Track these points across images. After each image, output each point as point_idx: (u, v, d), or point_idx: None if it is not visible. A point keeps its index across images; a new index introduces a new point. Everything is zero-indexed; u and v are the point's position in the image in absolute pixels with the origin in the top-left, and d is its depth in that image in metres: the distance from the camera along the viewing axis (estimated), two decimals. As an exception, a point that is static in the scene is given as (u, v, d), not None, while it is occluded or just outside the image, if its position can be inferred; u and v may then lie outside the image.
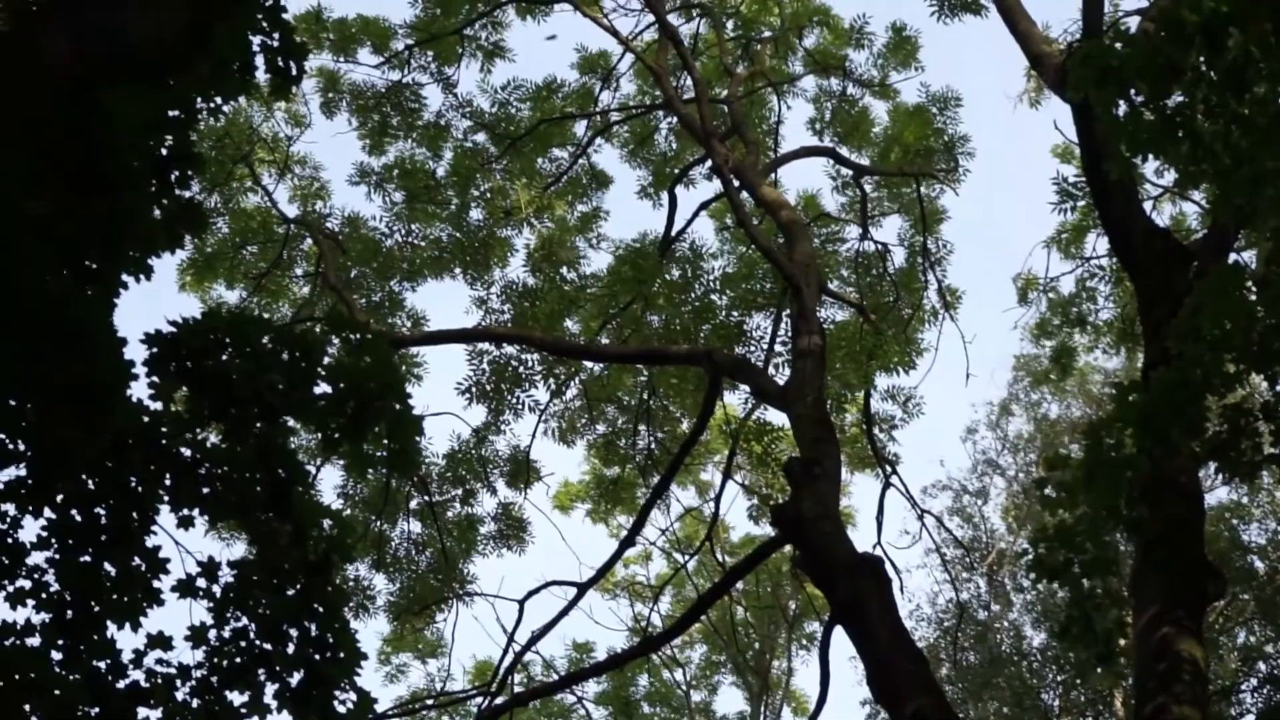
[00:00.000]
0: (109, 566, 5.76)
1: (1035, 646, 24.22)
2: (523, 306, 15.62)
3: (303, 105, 16.09)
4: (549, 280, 15.93)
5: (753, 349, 15.08)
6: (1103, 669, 8.03)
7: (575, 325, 15.84)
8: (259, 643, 5.86)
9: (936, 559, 23.54)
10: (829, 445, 10.14)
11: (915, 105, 16.42)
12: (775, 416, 15.62)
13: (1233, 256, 10.31)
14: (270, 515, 5.96)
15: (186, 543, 5.91)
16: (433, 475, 15.94)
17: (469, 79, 39.11)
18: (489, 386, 15.48)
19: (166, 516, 5.90)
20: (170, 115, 6.14)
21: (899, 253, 16.66)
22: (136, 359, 5.81)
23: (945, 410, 41.08)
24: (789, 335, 12.80)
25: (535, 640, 12.87)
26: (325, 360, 6.08)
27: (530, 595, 13.19)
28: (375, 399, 6.08)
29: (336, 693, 5.87)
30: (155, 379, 5.89)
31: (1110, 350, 17.63)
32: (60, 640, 5.64)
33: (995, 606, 25.59)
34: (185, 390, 5.99)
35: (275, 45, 6.46)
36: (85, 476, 5.77)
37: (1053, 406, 27.49)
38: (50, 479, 5.72)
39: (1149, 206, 13.72)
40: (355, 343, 6.18)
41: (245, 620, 5.87)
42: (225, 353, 5.96)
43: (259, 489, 5.95)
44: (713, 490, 20.65)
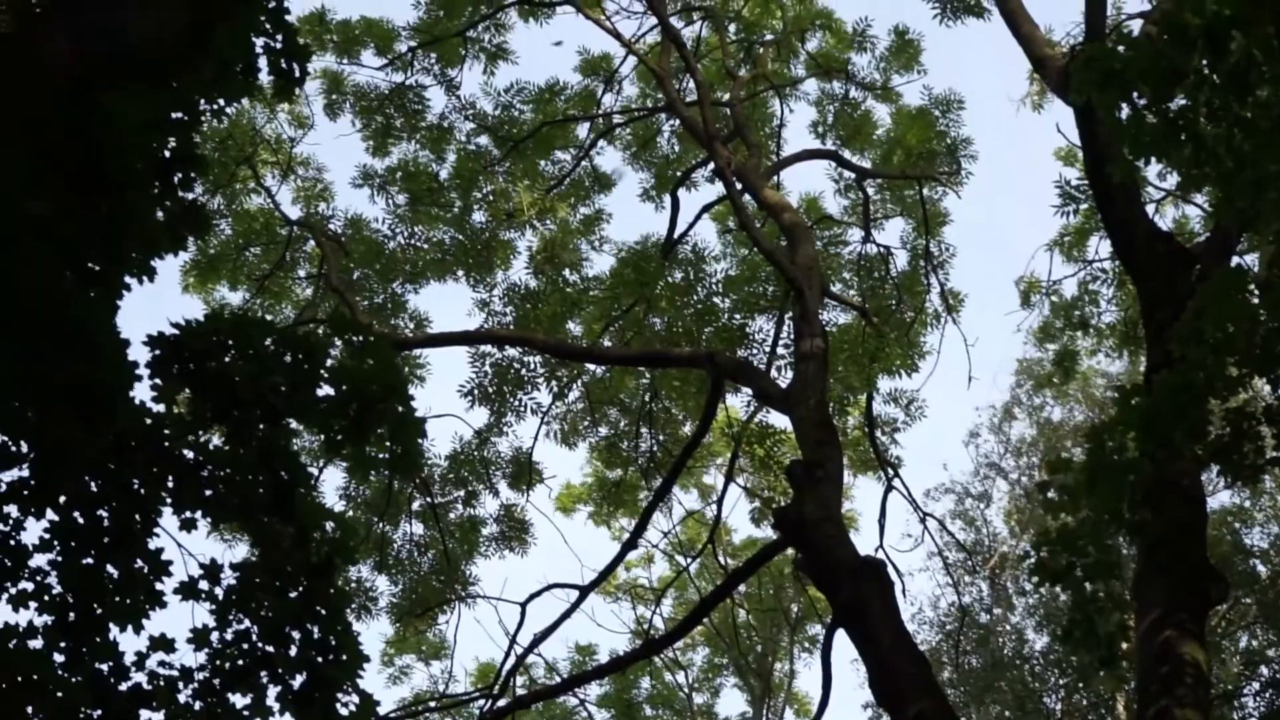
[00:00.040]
0: (111, 569, 5.75)
1: (1037, 650, 24.22)
2: (525, 309, 15.62)
3: (306, 107, 16.12)
4: (551, 282, 15.93)
5: (755, 352, 15.08)
6: (1105, 672, 8.03)
7: (577, 327, 15.84)
8: (261, 645, 5.85)
9: (939, 562, 23.52)
10: (831, 448, 10.13)
11: (918, 108, 16.42)
12: (777, 419, 15.63)
13: (1235, 260, 10.32)
14: (273, 517, 5.96)
15: (189, 545, 5.91)
16: (435, 477, 15.93)
17: (472, 81, 39.11)
18: (491, 389, 15.48)
19: (169, 519, 5.90)
20: (173, 117, 6.14)
21: (901, 255, 16.69)
22: (140, 361, 5.82)
23: (947, 413, 41.08)
24: (791, 338, 12.79)
25: (537, 643, 12.86)
26: (328, 362, 6.08)
27: (532, 598, 13.19)
28: (378, 401, 6.08)
29: (339, 695, 5.86)
30: (158, 381, 5.88)
31: (1113, 354, 17.62)
32: (63, 642, 5.63)
33: (997, 610, 25.57)
34: (188, 392, 5.98)
35: (278, 47, 6.46)
36: (88, 478, 5.76)
37: (1055, 410, 27.48)
38: (52, 480, 5.71)
39: (1151, 210, 13.72)
40: (358, 345, 6.18)
41: (248, 622, 5.86)
42: (228, 355, 5.95)
43: (261, 491, 5.94)
44: (715, 493, 20.69)
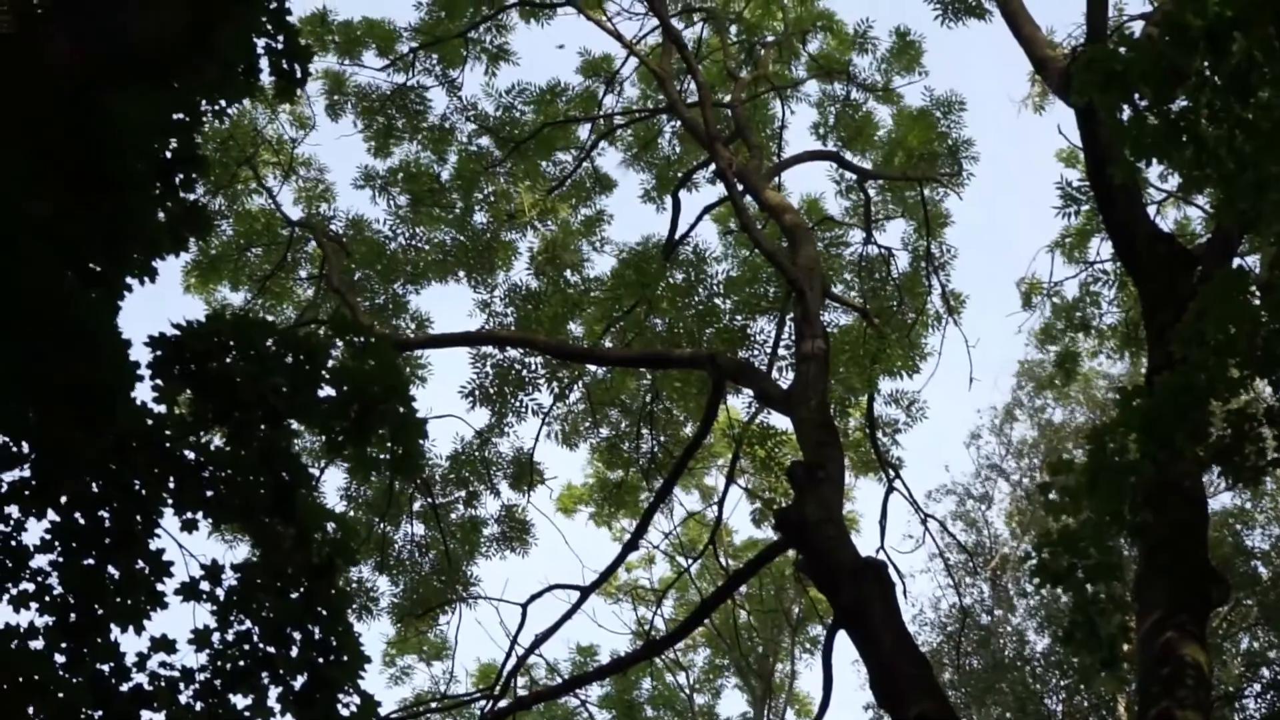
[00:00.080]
0: (112, 569, 5.74)
1: (1038, 651, 24.22)
2: (526, 309, 15.63)
3: (307, 107, 16.13)
4: (552, 283, 15.94)
5: (756, 353, 15.08)
6: (1106, 674, 8.02)
7: (579, 328, 15.84)
8: (262, 646, 5.85)
9: (940, 564, 23.52)
10: (832, 449, 10.13)
11: (919, 109, 16.42)
12: (778, 420, 15.63)
13: (1237, 261, 10.32)
14: (274, 518, 5.95)
15: (190, 546, 5.91)
16: (436, 477, 15.93)
17: (473, 82, 39.14)
18: (492, 389, 15.48)
19: (170, 519, 5.90)
20: (174, 117, 6.14)
21: (903, 257, 16.69)
22: (141, 361, 5.82)
23: (948, 415, 41.04)
24: (792, 339, 12.78)
25: (539, 643, 12.84)
26: (329, 363, 6.07)
27: (533, 599, 13.18)
28: (379, 402, 6.07)
29: (340, 696, 5.86)
30: (159, 382, 5.88)
31: (1114, 355, 17.61)
32: (64, 643, 5.62)
33: (998, 611, 25.56)
34: (189, 393, 5.98)
35: (280, 48, 6.46)
36: (89, 479, 5.76)
37: (1056, 412, 27.48)
38: (53, 481, 5.71)
39: (1153, 211, 13.71)
40: (359, 346, 6.17)
41: (249, 623, 5.86)
42: (229, 356, 5.95)
43: (263, 492, 5.94)
44: (716, 494, 20.71)
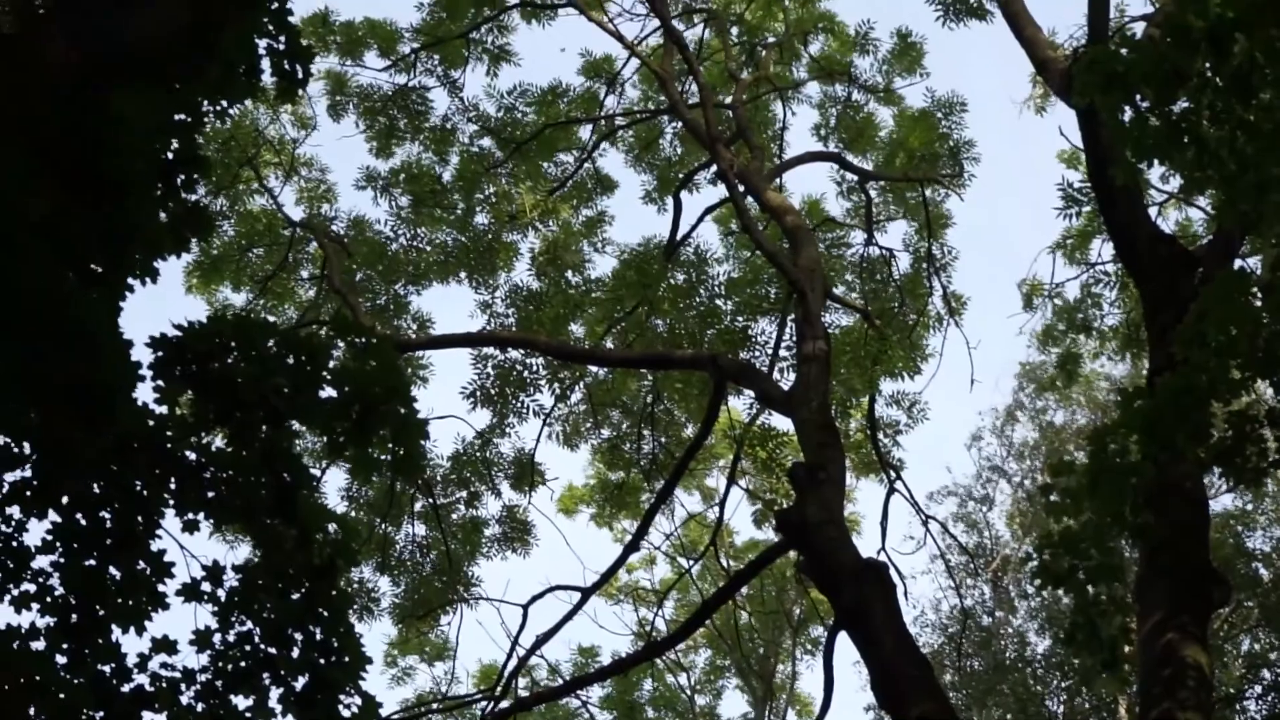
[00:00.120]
0: (114, 570, 5.74)
1: (1039, 653, 24.21)
2: (527, 310, 15.63)
3: (309, 108, 16.15)
4: (554, 284, 15.95)
5: (757, 354, 15.07)
6: (1107, 675, 8.01)
7: (580, 329, 15.85)
8: (264, 647, 5.84)
9: (941, 565, 23.51)
10: (834, 450, 10.12)
11: (920, 111, 16.41)
12: (780, 421, 15.63)
13: (1238, 262, 10.31)
14: (275, 519, 5.95)
15: (191, 546, 5.90)
16: (437, 478, 15.94)
17: (475, 83, 39.10)
18: (494, 390, 15.48)
19: (171, 520, 5.89)
20: (176, 118, 6.14)
21: (904, 258, 16.69)
22: (143, 362, 5.82)
23: (950, 416, 41.07)
24: (794, 340, 12.78)
25: (540, 644, 12.85)
26: (330, 364, 6.07)
27: (534, 600, 13.19)
28: (380, 403, 6.07)
29: (341, 696, 5.85)
30: (160, 383, 5.88)
31: (1115, 356, 17.61)
32: (65, 644, 5.61)
33: (999, 613, 25.56)
34: (190, 394, 5.98)
35: (281, 48, 6.46)
36: (90, 480, 5.76)
37: (1058, 413, 27.48)
38: (54, 482, 5.71)
39: (1154, 212, 13.70)
40: (360, 346, 6.17)
41: (250, 624, 5.85)
42: (230, 356, 5.94)
43: (264, 493, 5.93)
44: (717, 495, 20.70)
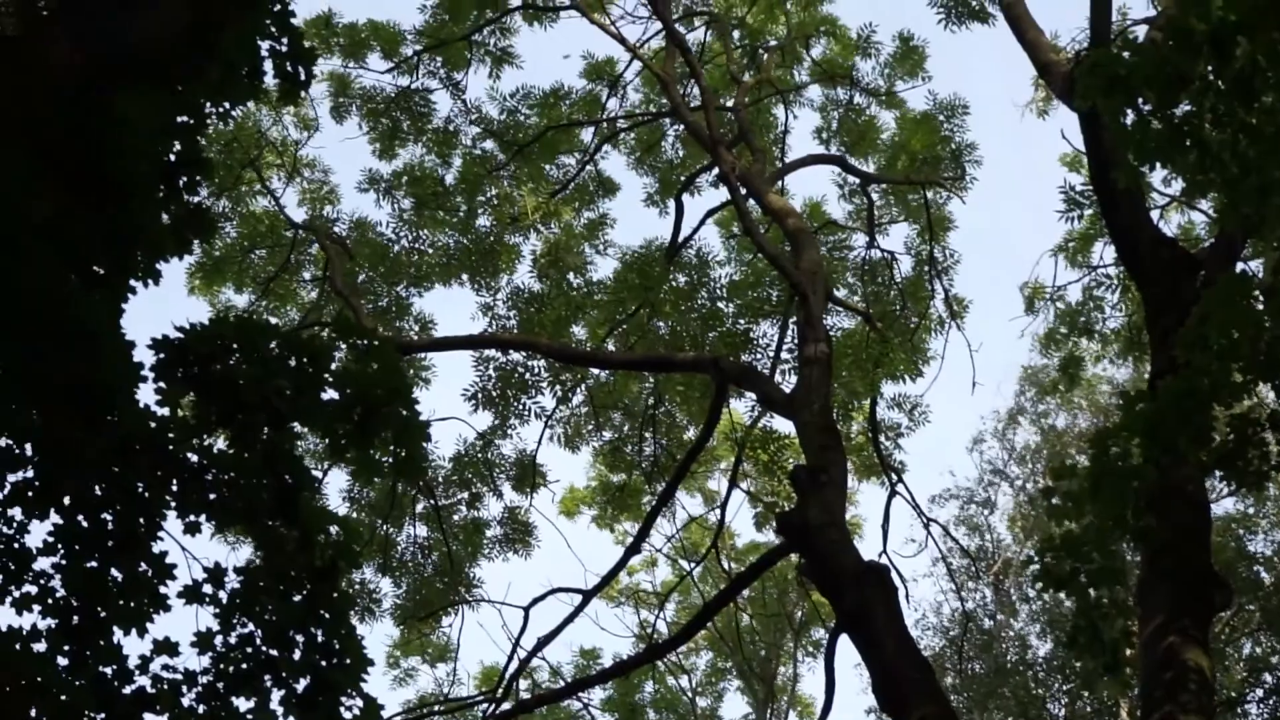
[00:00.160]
0: (115, 572, 5.73)
1: (1041, 656, 24.18)
2: (529, 312, 15.64)
3: (311, 110, 16.16)
4: (555, 286, 15.95)
5: (759, 356, 15.08)
6: (1109, 678, 8.02)
7: (582, 331, 15.85)
8: (265, 648, 5.84)
9: (942, 568, 23.52)
10: (835, 453, 10.12)
11: (922, 113, 16.40)
12: (781, 424, 15.64)
13: (1240, 266, 10.31)
14: (277, 521, 5.95)
15: (193, 548, 5.90)
16: (439, 480, 15.94)
17: (477, 85, 39.16)
18: (495, 392, 15.49)
19: (173, 522, 5.89)
20: (179, 120, 6.14)
21: (906, 261, 16.69)
22: (145, 363, 5.82)
23: (951, 419, 41.06)
24: (795, 343, 12.79)
25: (541, 646, 12.85)
26: (332, 366, 6.08)
27: (536, 602, 13.19)
28: (382, 404, 6.07)
29: (343, 698, 5.85)
30: (162, 384, 5.88)
31: (1117, 360, 17.61)
32: (66, 645, 5.61)
33: (1001, 616, 25.55)
34: (192, 396, 5.99)
35: (284, 50, 6.46)
36: (91, 481, 5.76)
37: (1060, 417, 27.46)
38: (56, 483, 5.71)
39: (1156, 215, 13.72)
40: (362, 348, 6.17)
41: (251, 626, 5.85)
42: (232, 358, 5.94)
43: (265, 494, 5.93)
44: (718, 497, 20.71)
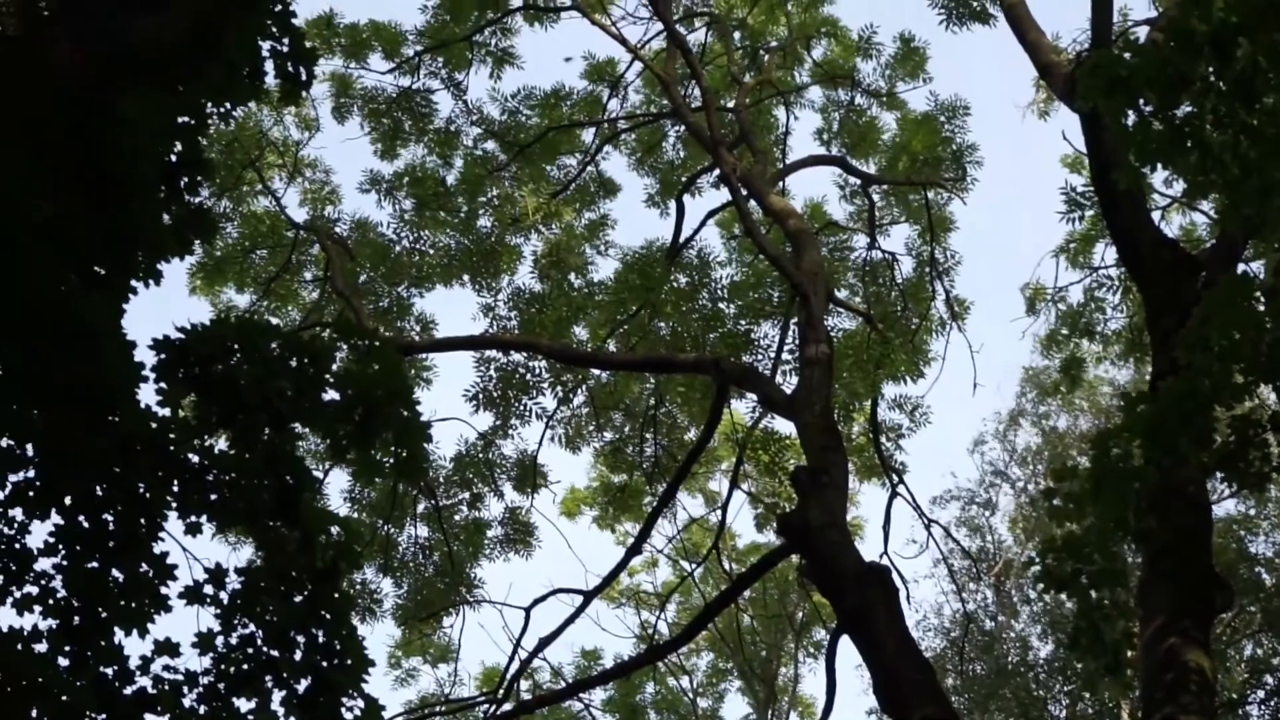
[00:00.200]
0: (116, 572, 5.74)
1: (1042, 657, 24.17)
2: (530, 313, 15.63)
3: (313, 110, 16.16)
4: (556, 287, 15.95)
5: (760, 357, 15.07)
6: (1110, 680, 8.02)
7: (583, 332, 15.85)
8: (266, 649, 5.84)
9: (943, 569, 23.52)
10: (836, 454, 10.12)
11: (923, 114, 16.38)
12: (782, 425, 15.64)
13: (1241, 267, 10.31)
14: (278, 521, 5.95)
15: (194, 549, 5.90)
16: (440, 480, 15.94)
17: (479, 85, 39.18)
18: (496, 393, 15.49)
19: (174, 523, 5.90)
20: (180, 121, 6.15)
21: (907, 262, 16.68)
22: (146, 364, 5.82)
23: (952, 420, 41.06)
24: (796, 344, 12.79)
25: (542, 647, 12.86)
26: (333, 366, 6.08)
27: (537, 603, 13.20)
28: (383, 405, 6.08)
29: (344, 699, 5.85)
30: (163, 385, 5.88)
31: (1118, 361, 17.59)
32: (67, 646, 5.62)
33: (1002, 617, 25.54)
34: (193, 396, 5.99)
35: (285, 50, 6.47)
36: (92, 482, 5.76)
37: (1061, 418, 27.44)
38: (57, 483, 5.72)
39: (1157, 216, 13.73)
40: (363, 349, 6.17)
41: (253, 627, 5.85)
42: (233, 359, 5.95)
43: (267, 495, 5.94)
44: (719, 498, 20.68)
